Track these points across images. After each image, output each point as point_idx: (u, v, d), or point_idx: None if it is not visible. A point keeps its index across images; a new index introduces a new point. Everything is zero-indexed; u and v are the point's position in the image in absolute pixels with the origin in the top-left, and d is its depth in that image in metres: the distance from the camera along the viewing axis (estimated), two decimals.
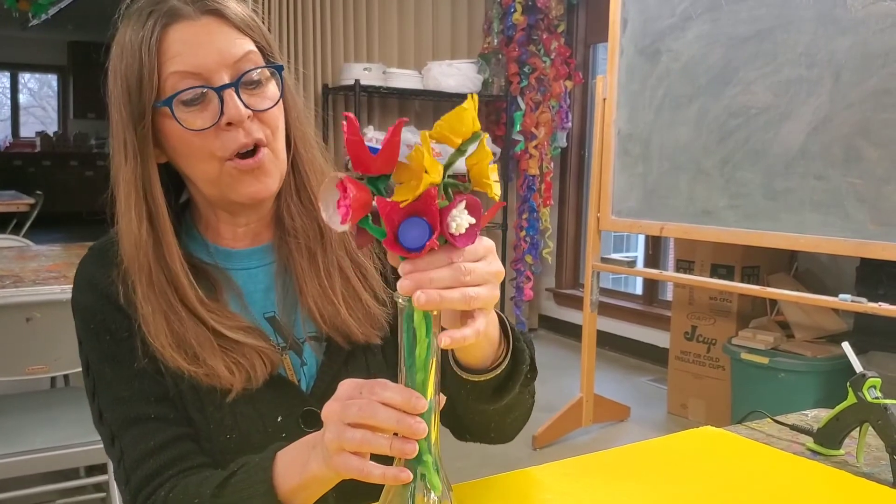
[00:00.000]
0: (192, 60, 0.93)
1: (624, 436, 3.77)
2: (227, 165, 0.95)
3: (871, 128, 2.62)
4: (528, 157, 5.26)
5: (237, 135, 0.94)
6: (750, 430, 1.27)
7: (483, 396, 0.94)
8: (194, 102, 0.93)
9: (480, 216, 0.71)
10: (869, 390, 1.11)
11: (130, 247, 0.98)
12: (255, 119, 0.95)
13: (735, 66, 3.00)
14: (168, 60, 0.93)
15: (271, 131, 0.97)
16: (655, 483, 1.03)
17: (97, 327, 1.00)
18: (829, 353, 3.33)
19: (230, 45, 0.95)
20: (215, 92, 0.93)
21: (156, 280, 0.96)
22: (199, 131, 0.93)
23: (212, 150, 0.94)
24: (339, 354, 1.03)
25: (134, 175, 0.96)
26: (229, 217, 1.04)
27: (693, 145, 3.16)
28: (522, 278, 5.40)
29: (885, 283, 2.99)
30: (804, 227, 2.80)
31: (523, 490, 0.98)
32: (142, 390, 0.97)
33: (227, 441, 0.98)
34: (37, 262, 2.70)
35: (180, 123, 0.93)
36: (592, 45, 5.43)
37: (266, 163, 0.97)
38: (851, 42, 2.66)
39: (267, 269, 1.06)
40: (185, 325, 0.96)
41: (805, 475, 1.08)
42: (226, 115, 0.93)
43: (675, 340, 4.08)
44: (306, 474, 0.82)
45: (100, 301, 1.00)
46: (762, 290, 3.17)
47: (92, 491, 2.65)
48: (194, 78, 0.93)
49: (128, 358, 0.98)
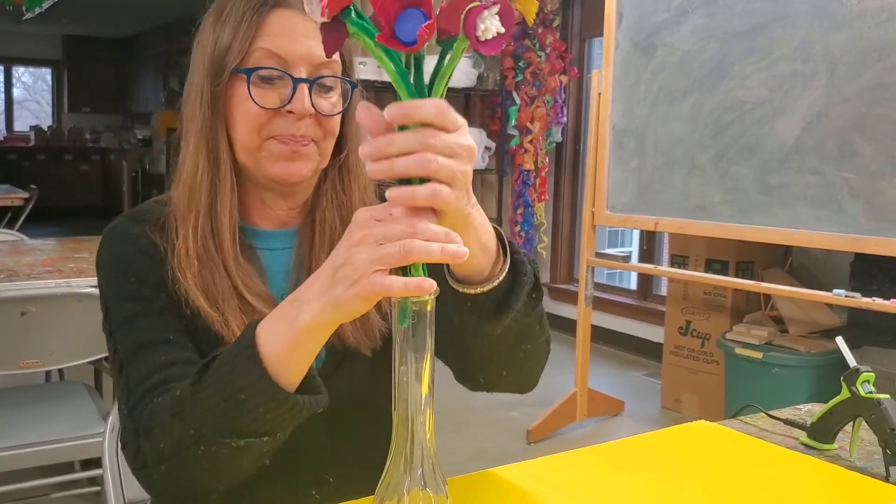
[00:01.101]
0: (282, 44, 0.99)
1: (618, 430, 3.78)
2: (272, 142, 1.00)
3: (866, 123, 2.63)
4: (523, 151, 5.26)
5: (292, 124, 0.99)
6: (744, 424, 1.27)
7: (486, 314, 0.90)
8: (269, 81, 0.99)
9: (511, 28, 0.67)
10: (862, 385, 1.12)
11: (186, 190, 1.02)
12: (314, 118, 1.01)
13: (730, 60, 3.00)
14: (262, 36, 0.99)
15: (324, 135, 1.02)
16: (649, 477, 1.03)
17: (123, 271, 1.02)
18: (823, 347, 3.34)
19: (320, 47, 0.95)
20: (292, 80, 0.98)
21: (201, 225, 1.01)
22: (263, 108, 0.99)
23: (262, 125, 1.00)
24: (333, 354, 1.04)
25: (204, 126, 1.02)
26: (261, 196, 1.08)
27: (688, 140, 3.17)
28: None
29: (879, 278, 3.00)
30: (798, 222, 2.81)
31: (517, 484, 0.99)
32: (160, 323, 0.99)
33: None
34: (31, 257, 2.69)
35: (251, 95, 0.99)
36: (588, 39, 5.42)
37: (307, 153, 1.01)
38: (847, 37, 2.66)
39: (289, 253, 1.09)
40: (214, 273, 1.00)
41: (798, 469, 1.08)
42: (292, 104, 0.98)
43: (669, 335, 4.09)
44: (297, 329, 0.78)
45: (129, 249, 1.03)
46: (756, 285, 3.17)
47: (87, 485, 2.64)
48: (277, 60, 0.99)
49: (150, 297, 1.00)
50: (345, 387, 1.02)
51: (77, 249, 2.87)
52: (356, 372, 1.05)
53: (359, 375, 1.05)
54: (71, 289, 2.08)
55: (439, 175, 0.70)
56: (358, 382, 1.05)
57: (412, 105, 0.69)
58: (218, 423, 0.83)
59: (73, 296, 2.05)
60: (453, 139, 0.70)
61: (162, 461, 0.87)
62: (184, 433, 0.85)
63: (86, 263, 2.53)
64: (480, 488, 0.98)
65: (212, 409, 0.83)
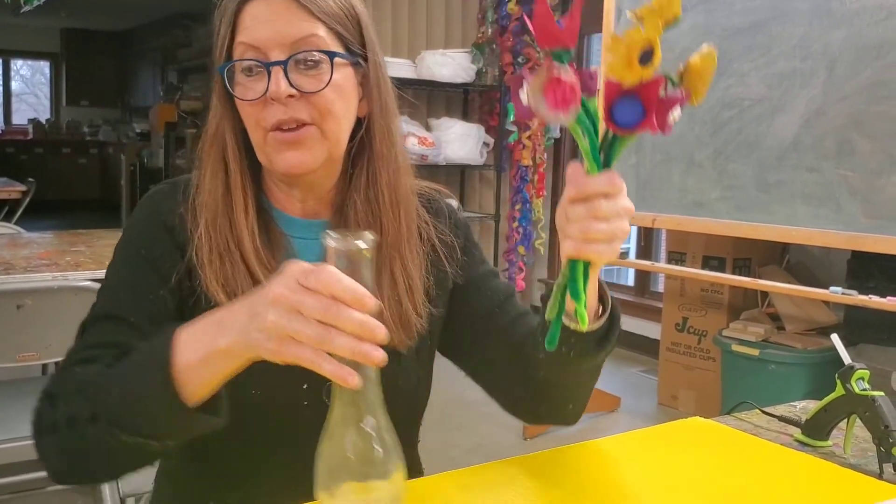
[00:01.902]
0: (254, 34, 0.98)
1: (614, 426, 3.79)
2: (270, 135, 1.00)
3: (865, 120, 2.63)
4: (522, 147, 5.26)
5: (277, 110, 0.98)
6: (738, 420, 1.27)
7: (588, 348, 0.97)
8: (251, 73, 0.99)
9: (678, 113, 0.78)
10: (857, 382, 1.12)
11: (206, 185, 1.04)
12: (302, 98, 0.99)
13: (729, 57, 3.00)
14: (240, 32, 1.00)
15: (319, 113, 1.00)
16: (644, 473, 1.03)
17: (138, 238, 1.03)
18: (819, 345, 3.34)
19: (292, 26, 0.98)
20: (264, 67, 0.98)
21: (220, 223, 1.01)
22: (246, 101, 0.99)
23: (258, 119, 0.99)
24: None
25: (215, 124, 1.04)
26: (284, 185, 1.08)
27: (686, 137, 3.17)
28: (515, 269, 5.40)
29: (876, 276, 3.00)
30: (796, 220, 2.81)
31: (513, 479, 0.99)
32: (136, 303, 0.98)
33: (252, 396, 0.98)
34: (28, 250, 2.69)
35: (231, 90, 1.00)
36: (587, 35, 5.42)
37: (307, 139, 1.00)
38: (846, 34, 2.66)
39: (320, 244, 1.06)
40: (236, 270, 1.00)
41: (792, 466, 1.09)
42: (269, 91, 0.97)
43: (666, 332, 4.09)
44: (213, 348, 0.79)
45: (155, 222, 1.03)
46: (753, 282, 3.18)
47: None
48: (255, 51, 0.99)
49: (146, 275, 1.00)
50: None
51: (74, 243, 2.87)
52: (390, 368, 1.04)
53: (392, 371, 1.03)
54: (68, 282, 2.08)
55: (603, 236, 0.83)
56: (391, 378, 1.03)
57: (593, 184, 0.82)
58: (113, 413, 0.84)
59: (69, 289, 2.05)
60: (619, 204, 0.84)
61: (55, 430, 0.88)
62: (81, 410, 0.86)
63: (83, 257, 2.53)
64: (477, 483, 0.98)
65: (112, 396, 0.85)
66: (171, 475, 1.11)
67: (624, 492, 0.97)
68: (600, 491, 0.97)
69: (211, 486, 1.05)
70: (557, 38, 0.77)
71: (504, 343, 1.11)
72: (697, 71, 0.78)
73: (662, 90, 0.76)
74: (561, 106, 0.75)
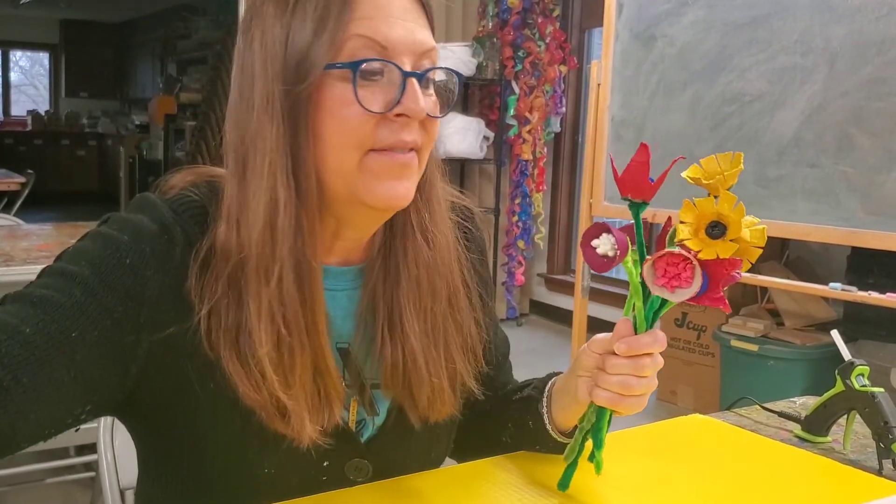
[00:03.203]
0: (383, 30, 0.79)
1: (612, 422, 3.78)
2: (372, 156, 0.80)
3: (865, 116, 2.62)
4: (522, 141, 5.25)
5: (402, 130, 0.80)
6: (738, 416, 1.27)
7: (556, 446, 0.98)
8: (371, 77, 0.79)
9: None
10: (857, 378, 1.12)
11: (268, 232, 0.79)
12: (420, 123, 0.82)
13: (730, 52, 3.00)
14: (355, 20, 0.78)
15: (426, 141, 0.84)
16: (643, 469, 1.03)
17: (117, 247, 0.80)
18: (819, 341, 3.34)
19: (421, 31, 0.82)
20: (402, 74, 0.79)
21: (286, 277, 0.79)
22: (370, 113, 0.78)
23: (362, 136, 0.79)
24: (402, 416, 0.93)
25: (280, 144, 0.79)
26: (335, 225, 0.87)
27: (686, 132, 3.16)
28: (514, 263, 5.40)
29: (876, 272, 3.00)
30: (796, 215, 2.81)
31: (512, 475, 0.99)
32: (75, 320, 0.76)
33: (265, 475, 0.86)
34: (28, 241, 2.69)
35: (357, 97, 0.78)
36: (587, 29, 5.41)
37: (412, 165, 0.83)
38: (847, 30, 2.66)
39: (351, 294, 0.91)
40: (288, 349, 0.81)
41: (792, 462, 1.09)
42: (402, 105, 0.79)
43: (665, 327, 4.09)
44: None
45: (161, 240, 0.81)
46: (753, 278, 3.18)
47: (82, 470, 2.65)
48: (380, 50, 0.79)
49: (94, 284, 0.78)
50: (398, 458, 0.94)
51: (73, 235, 2.86)
52: (414, 441, 0.95)
53: (416, 446, 0.96)
54: None
55: (641, 391, 0.86)
56: (414, 453, 0.96)
57: (643, 343, 0.84)
58: None
59: None
60: (659, 361, 0.86)
61: None
62: None
63: None
64: (474, 478, 0.98)
65: None
66: None
67: (624, 489, 0.97)
68: (600, 488, 0.97)
69: None
70: (643, 192, 0.80)
71: (488, 398, 1.00)
72: (746, 244, 0.81)
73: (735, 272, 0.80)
74: (671, 283, 0.80)
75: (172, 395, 0.83)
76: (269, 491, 0.85)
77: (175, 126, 9.23)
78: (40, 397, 0.73)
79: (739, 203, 0.77)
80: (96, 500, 2.51)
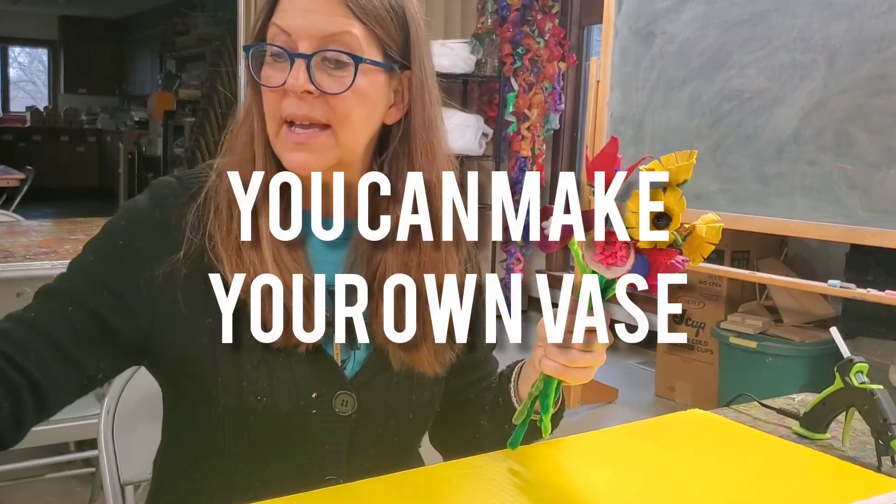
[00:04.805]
0: (289, 20, 0.94)
1: (611, 418, 3.79)
2: (283, 128, 0.96)
3: (864, 113, 2.62)
4: (521, 138, 5.25)
5: (293, 104, 0.94)
6: (737, 413, 1.27)
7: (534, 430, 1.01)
8: (279, 59, 0.95)
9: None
10: (855, 375, 1.12)
11: (229, 161, 1.00)
12: (321, 97, 0.94)
13: (729, 49, 3.00)
14: (277, 13, 0.95)
15: (336, 116, 0.95)
16: (642, 465, 1.04)
17: (122, 230, 1.02)
18: (817, 338, 3.34)
19: (327, 19, 0.93)
20: (288, 56, 0.93)
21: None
22: (265, 87, 0.96)
23: (273, 108, 0.96)
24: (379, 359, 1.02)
25: (246, 108, 1.01)
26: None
27: (685, 129, 3.16)
28: (513, 260, 5.40)
29: (875, 269, 3.00)
30: (795, 212, 2.81)
31: (510, 470, 0.99)
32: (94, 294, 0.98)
33: (256, 402, 0.95)
34: (27, 238, 2.69)
35: (252, 73, 0.97)
36: (587, 26, 5.41)
37: (315, 143, 0.95)
38: (846, 27, 2.66)
39: (340, 243, 1.01)
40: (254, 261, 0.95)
41: (790, 458, 1.09)
42: (287, 82, 0.93)
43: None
44: None
45: (146, 217, 1.01)
46: (751, 275, 3.18)
47: (81, 465, 2.65)
48: (285, 37, 0.94)
49: (104, 267, 1.00)
50: (379, 397, 1.02)
51: (73, 231, 2.86)
52: (408, 385, 1.04)
53: (397, 388, 1.03)
54: None
55: (587, 364, 0.97)
56: (395, 394, 1.03)
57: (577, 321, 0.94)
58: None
59: None
60: (605, 338, 0.97)
61: None
62: None
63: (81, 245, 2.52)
64: (472, 475, 0.98)
65: None
66: (171, 470, 1.08)
67: (622, 485, 0.97)
68: (598, 484, 0.97)
69: (215, 487, 1.02)
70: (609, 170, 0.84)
71: (467, 390, 1.14)
72: (700, 239, 0.83)
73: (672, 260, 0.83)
74: (607, 260, 0.85)
75: (175, 335, 0.97)
76: (261, 419, 0.96)
77: (174, 122, 9.23)
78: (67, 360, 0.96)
79: (683, 198, 0.82)
80: (96, 496, 2.52)
